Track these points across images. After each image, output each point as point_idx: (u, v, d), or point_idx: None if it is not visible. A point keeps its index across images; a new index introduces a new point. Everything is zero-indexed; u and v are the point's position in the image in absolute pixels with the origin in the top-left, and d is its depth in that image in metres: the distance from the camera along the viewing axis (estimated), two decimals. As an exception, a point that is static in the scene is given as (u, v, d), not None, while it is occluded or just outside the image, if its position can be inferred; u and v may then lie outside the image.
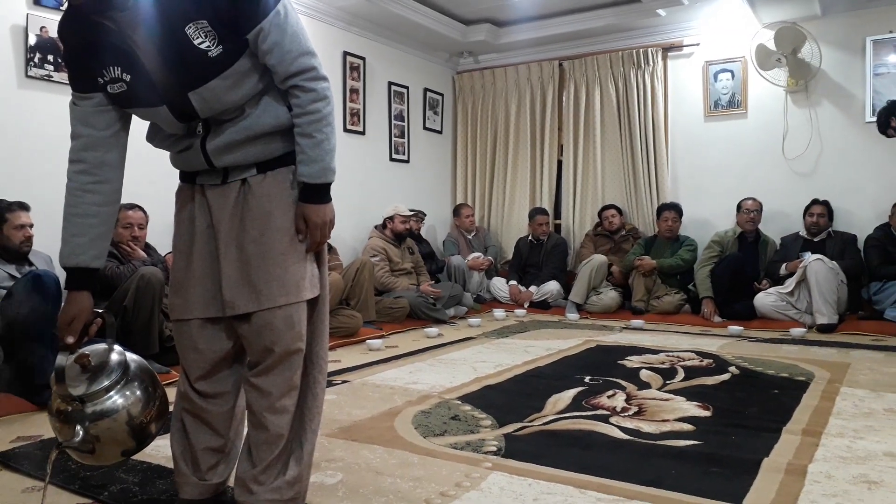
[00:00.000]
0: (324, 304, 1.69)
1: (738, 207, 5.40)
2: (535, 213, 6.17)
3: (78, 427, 1.48)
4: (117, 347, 1.60)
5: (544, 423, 2.51)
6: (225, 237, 1.56)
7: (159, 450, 2.23)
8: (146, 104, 1.49)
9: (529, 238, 6.21)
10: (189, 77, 1.44)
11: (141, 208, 3.66)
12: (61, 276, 3.46)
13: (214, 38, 1.42)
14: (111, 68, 1.46)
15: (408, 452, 2.19)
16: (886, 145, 5.23)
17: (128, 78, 1.46)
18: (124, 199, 3.77)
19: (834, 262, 4.77)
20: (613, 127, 6.24)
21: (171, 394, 1.76)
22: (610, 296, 5.59)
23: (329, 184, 1.59)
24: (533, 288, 5.93)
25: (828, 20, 5.41)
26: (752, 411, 2.67)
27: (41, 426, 2.53)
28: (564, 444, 2.29)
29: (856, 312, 4.93)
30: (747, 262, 5.20)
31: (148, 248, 3.71)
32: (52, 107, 3.56)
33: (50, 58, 3.59)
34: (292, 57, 1.48)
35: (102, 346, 1.59)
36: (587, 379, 3.22)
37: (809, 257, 4.81)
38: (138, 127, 1.62)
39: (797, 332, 4.50)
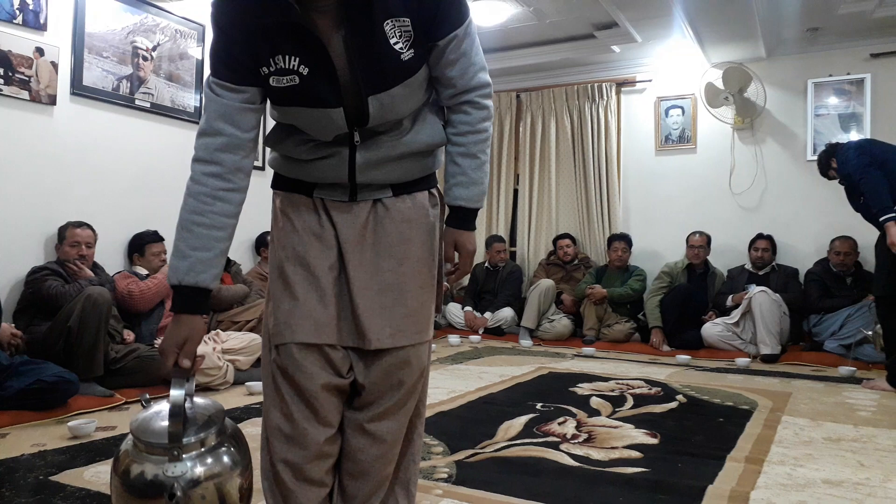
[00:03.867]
0: (430, 340, 1.53)
1: (687, 241, 5.56)
2: (493, 240, 6.23)
3: (175, 484, 1.21)
4: (210, 400, 1.38)
5: (496, 450, 2.52)
6: (355, 262, 1.37)
7: (99, 476, 2.16)
8: (320, 104, 1.28)
9: (486, 265, 6.26)
10: (376, 79, 1.27)
11: (90, 227, 3.58)
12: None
13: (409, 39, 1.26)
14: (286, 58, 1.24)
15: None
16: (826, 184, 5.43)
17: (304, 72, 1.24)
18: (71, 217, 3.69)
19: (777, 294, 4.94)
20: (568, 158, 6.37)
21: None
22: (563, 323, 5.67)
23: (480, 209, 1.46)
24: (488, 314, 5.97)
25: (772, 62, 5.67)
26: (698, 439, 2.72)
27: None
28: (515, 470, 2.30)
29: (797, 343, 5.09)
30: (695, 293, 5.34)
31: (95, 267, 3.61)
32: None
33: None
34: (475, 70, 1.36)
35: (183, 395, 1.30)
36: (539, 406, 3.25)
37: (754, 289, 4.96)
38: (82, 133, 1.52)
39: (742, 361, 4.63)
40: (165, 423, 1.23)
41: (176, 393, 1.23)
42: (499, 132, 6.71)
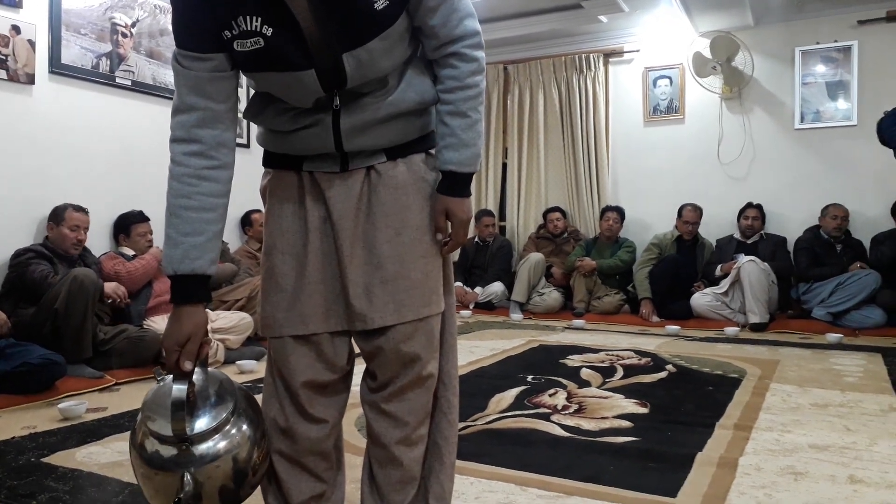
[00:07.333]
0: (452, 314, 1.46)
1: (679, 213, 5.55)
2: (481, 214, 6.22)
3: (187, 476, 1.17)
4: (216, 371, 1.30)
5: (487, 423, 2.54)
6: (349, 235, 1.29)
7: (91, 457, 2.16)
8: (288, 67, 1.18)
9: (475, 239, 6.25)
10: (349, 34, 1.16)
11: (87, 212, 3.53)
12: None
13: None
14: (247, 19, 1.14)
15: (350, 454, 2.17)
16: (814, 152, 5.48)
17: (269, 32, 1.15)
18: (54, 199, 3.64)
19: (766, 263, 4.96)
20: (556, 131, 6.34)
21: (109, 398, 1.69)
22: (553, 296, 5.69)
23: (474, 173, 1.35)
24: (478, 289, 5.98)
25: (760, 30, 5.64)
26: (687, 408, 2.75)
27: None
28: (506, 442, 2.32)
29: (785, 311, 5.13)
30: (684, 263, 5.36)
31: (85, 251, 3.58)
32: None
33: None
34: (459, 17, 1.23)
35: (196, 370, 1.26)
36: (530, 378, 3.27)
37: (743, 259, 4.99)
38: (62, 113, 1.51)
39: (731, 330, 4.67)
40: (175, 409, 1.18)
41: (178, 388, 1.16)
42: (486, 105, 6.65)
